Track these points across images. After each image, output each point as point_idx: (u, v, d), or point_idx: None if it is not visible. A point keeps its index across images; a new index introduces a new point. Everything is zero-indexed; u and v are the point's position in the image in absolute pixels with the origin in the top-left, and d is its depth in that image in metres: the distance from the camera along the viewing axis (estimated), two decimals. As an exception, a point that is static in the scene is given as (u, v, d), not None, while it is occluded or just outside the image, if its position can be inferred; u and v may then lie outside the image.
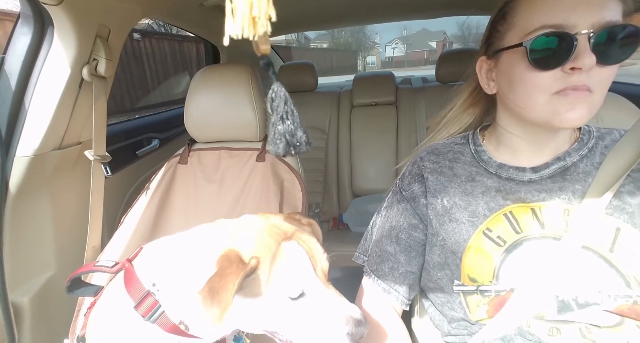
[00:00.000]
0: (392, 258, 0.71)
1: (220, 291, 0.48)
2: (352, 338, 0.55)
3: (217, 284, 0.49)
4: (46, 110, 0.93)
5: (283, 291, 0.55)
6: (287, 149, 0.44)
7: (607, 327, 0.56)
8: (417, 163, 0.75)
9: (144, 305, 0.61)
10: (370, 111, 2.19)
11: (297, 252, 0.58)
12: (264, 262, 0.55)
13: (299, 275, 0.56)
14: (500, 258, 0.59)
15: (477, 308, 0.62)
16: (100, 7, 0.93)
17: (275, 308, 0.56)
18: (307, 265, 0.57)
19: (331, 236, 1.95)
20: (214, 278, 0.50)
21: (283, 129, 0.43)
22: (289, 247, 0.57)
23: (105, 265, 0.71)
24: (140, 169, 1.50)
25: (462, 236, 0.63)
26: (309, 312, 0.56)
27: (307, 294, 0.57)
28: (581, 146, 0.63)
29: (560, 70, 0.53)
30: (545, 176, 0.62)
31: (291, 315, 0.56)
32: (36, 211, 1.03)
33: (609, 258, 0.55)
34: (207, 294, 0.48)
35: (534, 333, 0.59)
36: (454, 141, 0.75)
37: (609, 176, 0.57)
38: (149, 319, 0.60)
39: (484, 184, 0.65)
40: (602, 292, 0.54)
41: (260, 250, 0.56)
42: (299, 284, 0.56)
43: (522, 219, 0.60)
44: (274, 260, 0.55)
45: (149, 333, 0.62)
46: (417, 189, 0.71)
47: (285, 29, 2.25)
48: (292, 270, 0.56)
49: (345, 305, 0.57)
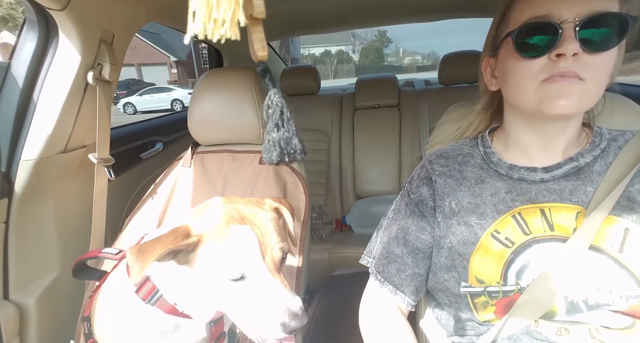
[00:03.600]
0: (399, 259, 0.71)
1: (145, 253, 0.52)
2: (285, 330, 0.57)
3: (148, 247, 0.53)
4: (51, 114, 0.94)
5: (222, 272, 0.57)
6: (282, 157, 0.43)
7: (618, 329, 0.55)
8: (426, 166, 0.74)
9: (143, 289, 0.66)
10: (373, 113, 2.19)
11: (246, 236, 0.59)
12: (207, 241, 0.58)
13: (241, 258, 0.58)
14: (508, 259, 0.59)
15: (484, 309, 0.62)
16: (104, 12, 0.94)
17: (216, 286, 0.59)
18: (254, 250, 0.59)
19: (334, 238, 1.95)
20: (149, 242, 0.55)
21: (278, 136, 0.43)
22: (239, 231, 0.59)
23: (109, 252, 0.77)
24: (143, 172, 1.51)
25: (470, 239, 0.63)
26: (247, 296, 0.58)
27: (248, 278, 0.58)
28: (593, 148, 0.62)
29: (547, 58, 0.55)
30: (557, 176, 0.62)
31: (231, 296, 0.59)
32: (41, 214, 1.04)
33: (619, 259, 0.54)
34: (135, 252, 0.53)
35: (542, 332, 0.58)
36: (463, 143, 0.75)
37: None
38: (149, 302, 0.65)
39: (493, 186, 0.65)
40: (614, 293, 0.54)
41: (209, 230, 0.59)
42: (240, 267, 0.58)
43: (531, 220, 0.60)
44: (219, 241, 0.58)
45: (149, 315, 0.66)
46: (425, 192, 0.71)
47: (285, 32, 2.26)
48: (235, 252, 0.58)
49: (286, 296, 0.59)
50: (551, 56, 0.54)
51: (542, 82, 0.56)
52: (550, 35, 0.54)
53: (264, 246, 0.60)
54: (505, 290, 0.59)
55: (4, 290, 0.96)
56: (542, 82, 0.56)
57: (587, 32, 0.52)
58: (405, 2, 1.75)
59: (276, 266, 0.61)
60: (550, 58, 0.54)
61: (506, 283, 0.59)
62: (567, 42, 0.52)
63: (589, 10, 0.52)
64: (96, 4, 0.90)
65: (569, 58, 0.53)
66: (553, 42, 0.53)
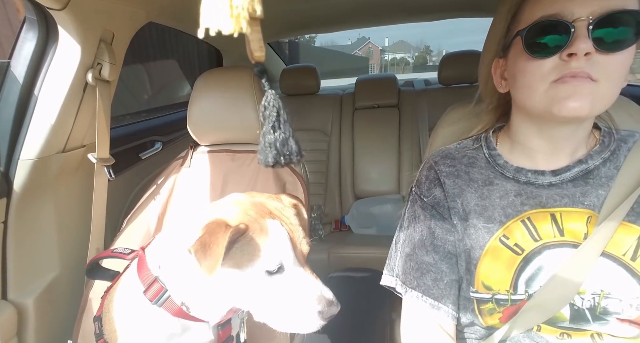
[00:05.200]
0: (433, 268, 0.64)
1: (212, 245, 0.52)
2: (323, 317, 0.59)
3: (208, 239, 0.52)
4: (50, 114, 0.94)
5: (263, 264, 0.58)
6: (277, 158, 0.42)
7: (623, 338, 0.54)
8: (433, 167, 0.71)
9: (151, 290, 0.66)
10: (373, 113, 2.19)
11: (279, 230, 0.61)
12: (250, 230, 0.58)
13: (279, 250, 0.59)
14: (519, 267, 0.58)
15: (490, 315, 0.61)
16: (104, 11, 0.94)
17: (253, 281, 0.59)
18: (288, 244, 0.60)
19: (333, 238, 1.95)
20: (204, 236, 0.53)
21: (274, 138, 0.42)
22: (273, 224, 0.61)
23: (122, 252, 0.77)
24: (143, 172, 1.51)
25: (477, 243, 0.61)
26: (284, 287, 0.59)
27: (285, 270, 0.60)
28: (603, 149, 0.60)
29: (558, 58, 0.53)
30: (566, 180, 0.60)
31: (267, 289, 0.59)
32: (40, 213, 1.04)
33: (632, 266, 0.53)
34: (200, 248, 0.52)
35: (544, 336, 0.58)
36: (466, 145, 0.72)
37: (631, 180, 0.55)
38: (156, 303, 0.65)
39: (502, 188, 0.63)
40: (624, 301, 0.53)
41: (246, 221, 0.59)
42: (278, 258, 0.59)
43: (541, 226, 0.58)
44: (259, 233, 0.58)
45: (157, 317, 0.66)
46: (439, 195, 0.68)
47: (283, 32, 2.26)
48: (274, 245, 0.59)
49: (319, 285, 0.61)
50: (562, 55, 0.52)
51: (552, 83, 0.53)
52: (562, 35, 0.51)
53: (293, 240, 0.62)
54: (515, 298, 0.58)
55: (2, 289, 0.96)
56: (552, 83, 0.53)
57: (601, 31, 0.50)
58: (405, 2, 1.75)
59: (305, 259, 0.63)
60: (562, 58, 0.52)
61: (516, 292, 0.58)
62: (579, 41, 0.50)
63: (604, 8, 0.50)
64: (96, 4, 0.89)
65: (580, 58, 0.50)
66: (564, 42, 0.51)
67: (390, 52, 55.63)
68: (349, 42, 45.81)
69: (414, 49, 59.21)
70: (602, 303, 0.54)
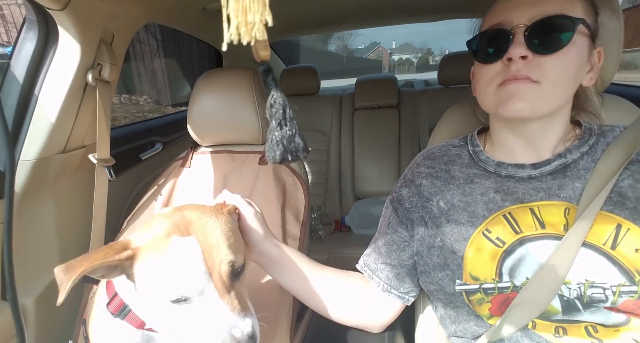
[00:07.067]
0: (377, 249, 0.77)
1: (71, 270, 0.49)
2: None
3: (76, 263, 0.49)
4: (50, 114, 0.94)
5: (160, 292, 0.51)
6: (285, 155, 0.44)
7: (613, 326, 0.55)
8: (413, 168, 0.77)
9: (113, 303, 0.63)
10: (373, 113, 2.20)
11: (188, 250, 0.52)
12: (143, 255, 0.52)
13: (183, 277, 0.51)
14: (501, 257, 0.60)
15: (480, 306, 0.63)
16: (104, 12, 0.94)
17: (158, 306, 0.54)
18: (199, 267, 0.51)
19: (333, 239, 1.95)
20: (79, 258, 0.50)
21: (281, 135, 0.43)
22: (180, 243, 0.52)
23: None
24: (143, 172, 1.51)
25: (462, 236, 0.63)
26: (189, 320, 0.52)
27: (191, 300, 0.51)
28: (582, 144, 0.63)
29: (501, 63, 0.59)
30: (545, 173, 0.63)
31: (172, 318, 0.53)
32: (40, 214, 1.04)
33: (612, 255, 0.54)
34: (63, 269, 0.50)
35: (540, 333, 0.59)
36: (452, 144, 0.76)
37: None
38: (118, 316, 0.62)
39: (482, 185, 0.66)
40: (607, 289, 0.54)
41: (148, 244, 0.52)
42: (180, 288, 0.50)
43: (521, 219, 0.61)
44: (156, 256, 0.51)
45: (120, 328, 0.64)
46: (405, 194, 0.74)
47: (285, 32, 2.26)
48: (175, 269, 0.51)
49: (231, 321, 0.52)
50: (504, 60, 0.58)
51: (498, 86, 0.59)
52: (502, 41, 0.58)
53: (210, 260, 0.52)
54: (501, 286, 0.60)
55: (1, 290, 0.96)
56: (498, 86, 0.59)
57: (535, 35, 0.56)
58: (405, 2, 1.75)
59: (225, 285, 0.53)
60: (504, 63, 0.58)
61: (501, 280, 0.60)
62: (514, 47, 0.56)
63: (540, 14, 0.56)
64: (96, 4, 0.90)
65: (518, 61, 0.56)
66: (505, 48, 0.57)
67: (397, 54, 60.18)
68: (362, 46, 52.47)
69: (418, 50, 63.68)
70: (587, 292, 0.55)
